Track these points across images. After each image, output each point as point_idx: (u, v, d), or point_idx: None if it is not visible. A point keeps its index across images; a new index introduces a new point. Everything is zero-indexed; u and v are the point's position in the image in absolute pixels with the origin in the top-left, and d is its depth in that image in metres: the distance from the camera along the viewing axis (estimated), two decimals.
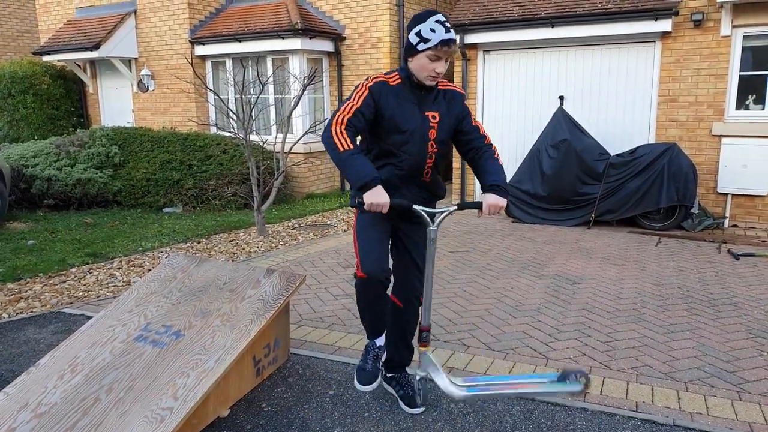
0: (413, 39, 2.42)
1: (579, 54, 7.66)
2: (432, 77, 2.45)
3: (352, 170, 2.35)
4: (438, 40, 2.36)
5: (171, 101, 10.53)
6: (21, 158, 8.49)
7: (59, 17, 11.69)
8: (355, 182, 2.36)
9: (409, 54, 2.46)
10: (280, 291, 3.13)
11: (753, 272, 5.11)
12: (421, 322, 2.65)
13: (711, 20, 6.80)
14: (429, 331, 2.64)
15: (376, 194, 2.33)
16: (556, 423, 2.74)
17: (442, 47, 2.37)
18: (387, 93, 2.48)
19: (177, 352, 2.72)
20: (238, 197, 8.36)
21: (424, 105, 2.55)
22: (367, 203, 2.32)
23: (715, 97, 6.94)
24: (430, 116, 2.55)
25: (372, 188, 2.34)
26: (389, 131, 2.50)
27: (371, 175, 2.34)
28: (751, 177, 6.81)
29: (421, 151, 2.56)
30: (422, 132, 2.54)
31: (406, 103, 2.51)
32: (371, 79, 2.49)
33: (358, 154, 2.37)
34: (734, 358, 3.41)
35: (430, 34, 2.37)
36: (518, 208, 7.40)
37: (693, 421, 2.73)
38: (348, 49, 9.49)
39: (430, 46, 2.37)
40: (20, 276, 5.16)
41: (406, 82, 2.51)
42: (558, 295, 4.55)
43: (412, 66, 2.47)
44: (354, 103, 2.44)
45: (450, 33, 2.38)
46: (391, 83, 2.51)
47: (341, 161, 2.37)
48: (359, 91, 2.47)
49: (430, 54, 2.39)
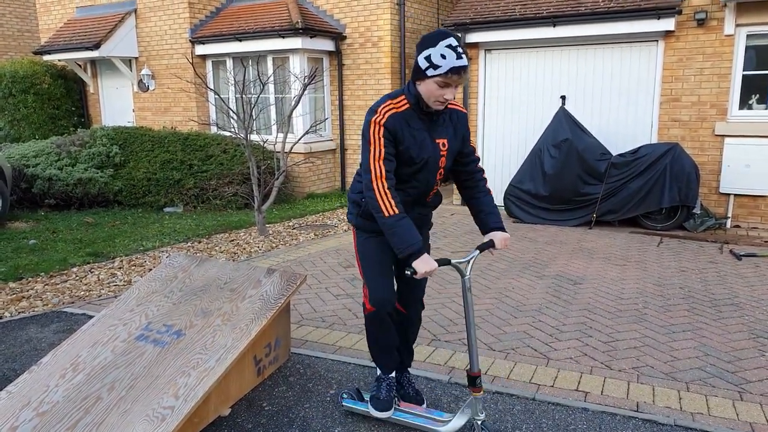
0: (422, 63, 2.30)
1: (581, 53, 7.65)
2: (440, 103, 2.38)
3: (398, 238, 2.33)
4: (448, 67, 2.25)
5: (171, 101, 10.53)
6: (22, 158, 8.50)
7: (60, 17, 11.70)
8: (400, 251, 2.34)
9: (417, 77, 2.35)
10: (280, 291, 3.13)
11: (755, 273, 5.10)
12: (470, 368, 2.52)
13: (714, 19, 6.78)
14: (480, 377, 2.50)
15: (426, 263, 2.31)
16: (557, 423, 2.73)
17: (453, 75, 2.26)
18: (401, 125, 2.39)
19: (178, 352, 2.72)
20: (238, 197, 8.36)
21: (434, 132, 2.49)
22: (420, 273, 2.32)
23: (718, 97, 6.93)
24: (440, 144, 2.51)
25: (419, 257, 2.33)
26: (402, 162, 2.45)
27: (417, 244, 2.33)
28: (754, 177, 6.79)
29: (430, 179, 2.55)
30: (434, 161, 2.51)
31: (418, 132, 2.44)
32: (382, 114, 2.37)
33: (402, 219, 2.34)
34: (736, 358, 3.40)
35: (440, 61, 2.26)
36: (519, 208, 7.39)
37: (694, 422, 2.72)
38: (349, 49, 9.48)
39: (440, 73, 2.26)
40: (22, 275, 5.16)
41: (415, 108, 2.42)
42: (559, 295, 4.55)
43: (421, 89, 2.37)
44: (379, 147, 2.36)
45: (462, 60, 2.26)
46: (400, 110, 2.40)
47: (386, 226, 2.36)
48: (374, 130, 2.37)
49: (440, 81, 2.29)
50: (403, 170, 2.47)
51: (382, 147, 2.36)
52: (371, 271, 2.61)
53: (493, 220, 2.63)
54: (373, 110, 2.41)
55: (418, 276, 2.31)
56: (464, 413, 2.57)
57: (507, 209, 7.50)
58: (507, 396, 2.98)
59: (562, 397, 2.96)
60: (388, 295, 2.56)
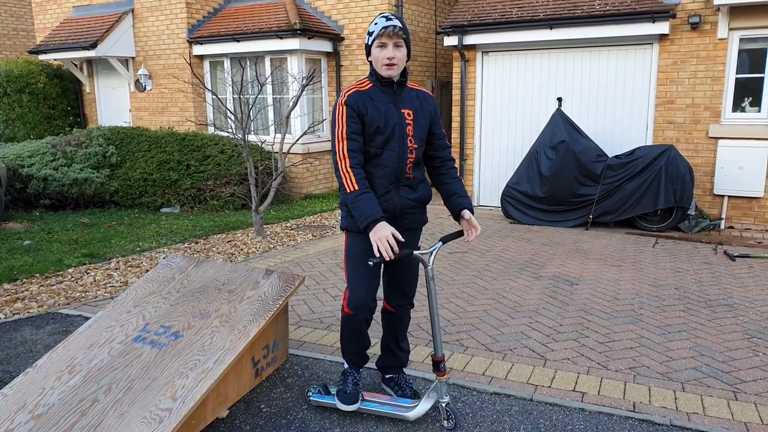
0: (366, 40, 2.60)
1: (577, 56, 7.68)
2: (387, 66, 2.55)
3: (358, 211, 2.46)
4: (380, 28, 2.51)
5: (168, 101, 10.51)
6: (17, 158, 8.46)
7: (56, 16, 11.66)
8: (360, 221, 2.45)
9: (368, 55, 2.62)
10: (279, 292, 3.13)
11: (749, 273, 5.13)
12: (434, 353, 2.66)
13: (708, 23, 6.83)
14: (443, 361, 2.65)
15: (379, 230, 2.40)
16: (554, 423, 2.74)
17: (384, 33, 2.51)
18: (363, 99, 2.57)
19: (176, 353, 2.72)
20: (236, 198, 8.35)
21: (399, 103, 2.64)
22: (373, 240, 2.39)
23: (711, 100, 6.97)
24: (405, 113, 2.64)
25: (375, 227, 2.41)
26: (371, 134, 2.58)
27: (375, 215, 2.43)
28: (747, 179, 6.84)
29: (401, 148, 2.63)
30: (401, 128, 2.62)
31: (382, 104, 2.60)
32: (344, 94, 2.58)
33: (364, 194, 2.47)
34: (730, 358, 3.43)
35: (373, 27, 2.55)
36: (516, 209, 7.41)
37: (689, 421, 2.74)
38: (347, 50, 9.49)
39: (375, 36, 2.53)
40: (17, 276, 5.14)
41: (377, 84, 2.62)
42: (556, 296, 4.57)
43: (372, 62, 2.60)
44: (342, 127, 2.53)
45: (391, 21, 2.52)
46: (363, 89, 2.60)
47: (349, 201, 2.49)
48: (339, 112, 2.55)
49: (377, 43, 2.54)
50: (374, 141, 2.59)
51: (344, 126, 2.53)
52: (356, 273, 2.68)
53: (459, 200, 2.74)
54: (339, 95, 2.61)
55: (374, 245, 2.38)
56: (430, 397, 2.66)
57: (504, 210, 7.52)
58: (505, 396, 2.99)
59: (560, 397, 2.98)
60: (367, 300, 2.65)
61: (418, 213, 2.77)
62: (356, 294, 2.66)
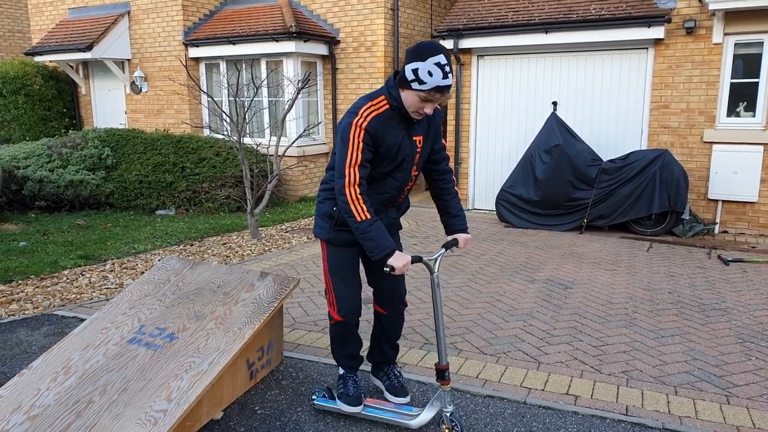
0: (408, 74, 2.32)
1: (572, 60, 7.72)
2: (418, 114, 2.43)
3: (372, 242, 2.41)
4: (433, 86, 2.29)
5: (164, 103, 10.50)
6: (12, 159, 8.44)
7: (52, 17, 11.64)
8: (375, 254, 2.42)
9: (402, 85, 2.38)
10: (273, 294, 3.14)
11: (742, 278, 5.17)
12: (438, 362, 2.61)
13: (703, 28, 6.88)
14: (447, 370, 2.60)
15: (400, 258, 2.41)
16: (547, 426, 2.76)
17: (436, 93, 2.32)
18: (382, 126, 2.42)
19: (171, 355, 2.72)
20: (231, 200, 8.35)
21: (411, 129, 2.54)
22: (398, 268, 2.40)
23: (706, 104, 7.02)
24: (416, 141, 2.57)
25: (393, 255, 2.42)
26: (381, 160, 2.50)
27: (391, 247, 2.41)
28: (742, 183, 6.88)
29: (406, 176, 2.62)
30: (410, 158, 2.57)
31: (398, 132, 2.48)
32: (364, 117, 2.39)
33: (375, 223, 2.41)
34: (723, 362, 3.45)
35: (426, 77, 2.28)
36: (511, 212, 7.44)
37: (682, 425, 2.76)
38: (342, 53, 9.51)
39: (424, 89, 2.30)
40: (12, 278, 5.13)
41: (395, 109, 2.45)
42: (550, 299, 4.59)
43: (403, 96, 2.40)
44: (357, 152, 2.38)
45: (447, 79, 2.29)
46: (381, 110, 2.43)
47: (359, 231, 2.42)
48: (354, 133, 2.37)
49: (423, 95, 2.33)
50: (381, 168, 2.53)
51: (359, 153, 2.39)
52: (342, 283, 2.71)
53: (458, 222, 2.79)
54: (353, 112, 2.42)
55: (396, 272, 2.41)
56: (433, 406, 2.66)
57: (499, 214, 7.55)
58: (498, 399, 3.01)
59: (553, 400, 2.99)
60: (357, 306, 2.72)
61: (397, 223, 2.85)
62: (347, 302, 2.69)
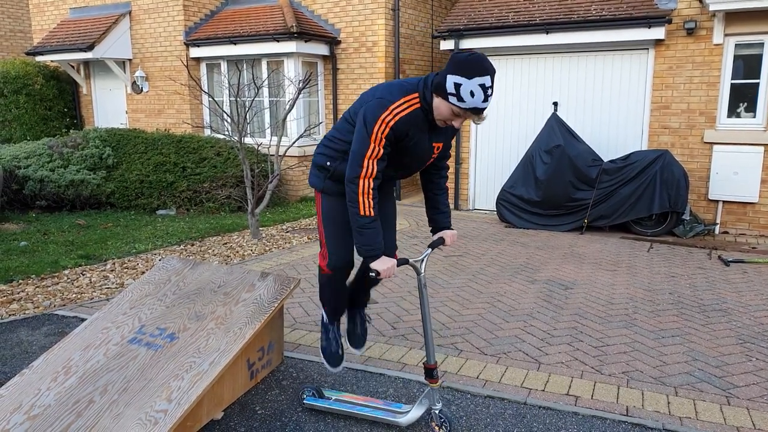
0: (450, 87, 2.27)
1: (573, 60, 7.72)
2: (445, 123, 2.44)
3: (365, 239, 2.43)
4: (471, 106, 2.27)
5: (165, 103, 10.51)
6: (13, 159, 8.45)
7: (53, 17, 11.65)
8: (363, 252, 2.45)
9: (438, 92, 2.34)
10: (274, 294, 3.14)
11: (743, 278, 5.17)
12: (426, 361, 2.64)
13: (704, 28, 6.88)
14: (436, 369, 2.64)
15: (385, 262, 2.45)
16: (547, 427, 2.76)
17: (472, 114, 2.33)
18: (409, 126, 2.41)
19: (171, 355, 2.72)
20: (231, 200, 8.35)
21: (433, 135, 2.56)
22: (383, 271, 2.43)
23: (707, 105, 7.02)
24: (435, 147, 2.61)
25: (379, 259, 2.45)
26: (399, 153, 2.51)
27: (379, 250, 2.45)
28: (742, 184, 6.88)
29: (407, 173, 2.69)
30: (425, 160, 2.62)
31: (422, 134, 2.48)
32: (393, 115, 2.36)
33: (374, 221, 2.42)
34: (723, 363, 3.45)
35: (467, 96, 2.25)
36: (511, 212, 7.44)
37: (682, 426, 2.76)
38: (343, 53, 9.51)
39: (462, 107, 2.29)
40: (12, 278, 5.13)
41: (424, 111, 2.43)
42: (550, 300, 4.59)
43: (435, 102, 2.38)
44: (378, 147, 2.37)
45: (486, 102, 2.27)
46: (411, 110, 2.40)
47: (357, 224, 2.42)
48: (381, 130, 2.36)
49: (458, 111, 2.32)
50: (398, 160, 2.57)
51: (381, 148, 2.39)
52: (336, 233, 2.74)
53: (445, 219, 2.87)
54: (385, 105, 2.38)
55: (382, 276, 2.45)
56: (422, 404, 2.68)
57: (499, 214, 7.55)
58: (498, 400, 3.01)
59: (553, 401, 3.00)
60: (349, 258, 2.78)
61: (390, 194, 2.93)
62: (338, 255, 2.74)
